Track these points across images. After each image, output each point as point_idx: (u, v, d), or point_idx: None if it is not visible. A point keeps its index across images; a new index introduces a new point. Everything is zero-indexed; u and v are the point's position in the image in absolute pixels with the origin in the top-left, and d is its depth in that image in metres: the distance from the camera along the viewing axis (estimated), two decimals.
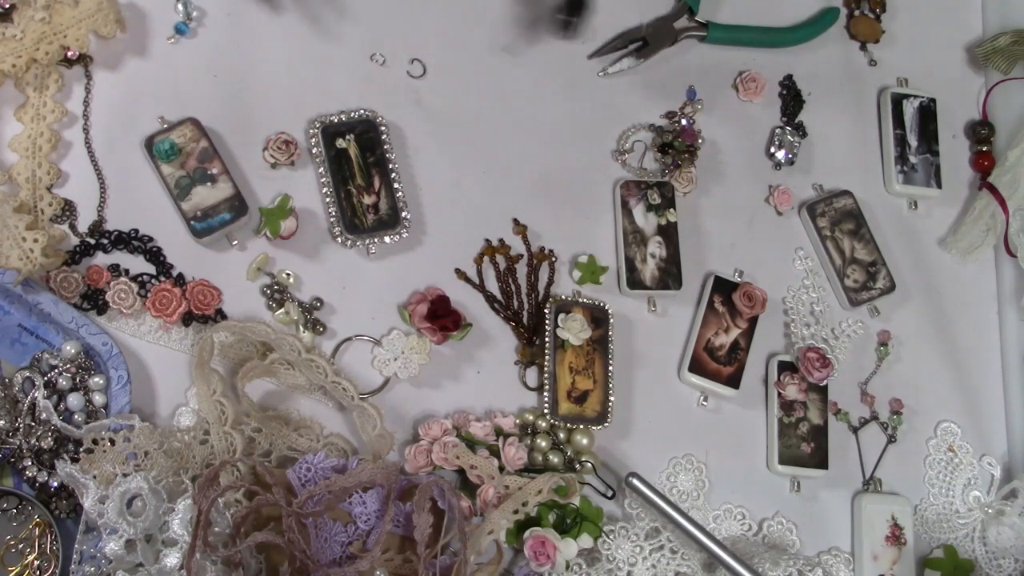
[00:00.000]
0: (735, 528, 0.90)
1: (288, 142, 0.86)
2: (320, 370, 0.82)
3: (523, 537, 0.82)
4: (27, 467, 0.76)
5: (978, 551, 0.96)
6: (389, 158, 0.87)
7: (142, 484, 0.73)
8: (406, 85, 0.91)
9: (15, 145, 0.81)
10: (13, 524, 0.76)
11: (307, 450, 0.81)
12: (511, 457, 0.84)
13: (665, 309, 0.93)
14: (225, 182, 0.82)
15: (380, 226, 0.86)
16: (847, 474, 0.95)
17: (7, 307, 0.78)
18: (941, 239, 1.03)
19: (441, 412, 0.86)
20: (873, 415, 0.96)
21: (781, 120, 1.00)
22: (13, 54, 0.79)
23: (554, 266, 0.91)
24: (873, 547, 0.92)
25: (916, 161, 1.01)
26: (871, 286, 0.97)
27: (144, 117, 0.84)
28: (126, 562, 0.73)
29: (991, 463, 0.98)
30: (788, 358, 0.94)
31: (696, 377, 0.91)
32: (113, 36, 0.83)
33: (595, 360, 0.87)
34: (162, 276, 0.82)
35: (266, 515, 0.77)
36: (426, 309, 0.84)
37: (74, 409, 0.78)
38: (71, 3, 0.80)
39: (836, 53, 1.04)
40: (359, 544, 0.77)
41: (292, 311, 0.84)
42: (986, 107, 1.06)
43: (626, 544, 0.85)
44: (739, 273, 0.95)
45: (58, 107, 0.82)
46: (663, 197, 0.93)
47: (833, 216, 0.97)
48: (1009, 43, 1.04)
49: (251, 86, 0.87)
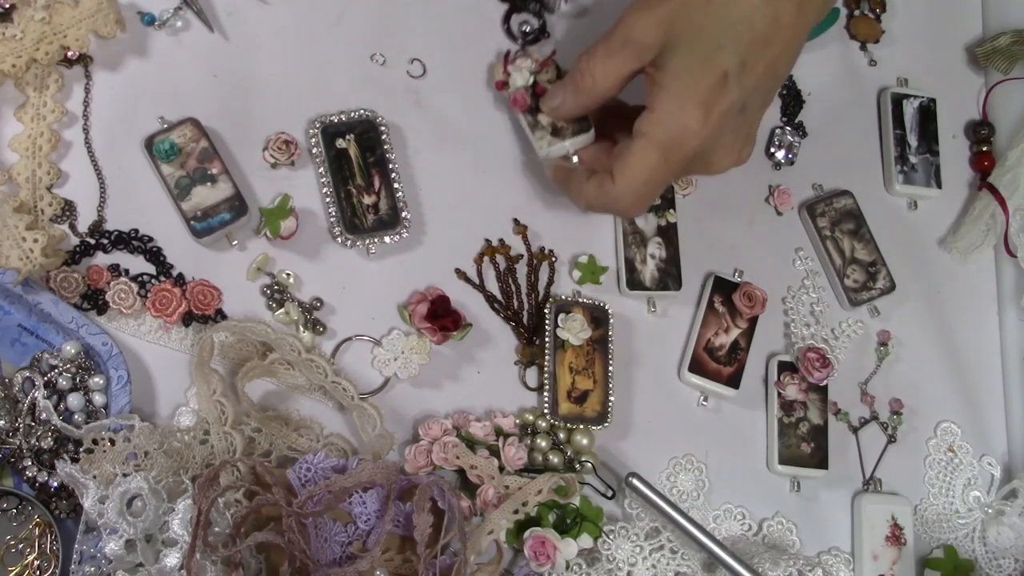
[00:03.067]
0: (735, 528, 0.90)
1: (288, 142, 0.86)
2: (320, 370, 0.82)
3: (523, 537, 0.82)
4: (27, 467, 0.76)
5: (978, 551, 0.96)
6: (389, 158, 0.87)
7: (142, 484, 0.73)
8: (406, 85, 0.91)
9: (15, 145, 0.81)
10: (13, 524, 0.76)
11: (307, 450, 0.81)
12: (511, 457, 0.84)
13: (665, 310, 0.93)
14: (225, 182, 0.82)
15: (380, 226, 0.86)
16: (847, 474, 0.95)
17: (7, 307, 0.78)
18: (941, 239, 1.03)
19: (441, 412, 0.86)
20: (873, 415, 0.96)
21: (781, 120, 1.00)
22: (13, 54, 0.79)
23: (554, 266, 0.91)
24: (873, 547, 0.92)
25: (916, 161, 1.01)
26: (871, 286, 0.97)
27: (144, 117, 0.84)
28: (126, 562, 0.73)
29: (991, 463, 0.98)
30: (788, 358, 0.94)
31: (696, 377, 0.91)
32: (113, 36, 0.82)
33: (595, 360, 0.87)
34: (162, 276, 0.82)
35: (266, 515, 0.77)
36: (426, 309, 0.84)
37: (74, 409, 0.78)
38: (71, 3, 0.80)
39: (836, 53, 1.04)
40: (359, 544, 0.77)
41: (292, 311, 0.84)
42: (986, 107, 1.06)
43: (626, 544, 0.85)
44: (739, 273, 0.95)
45: (58, 107, 0.82)
46: (663, 198, 0.93)
47: (833, 216, 0.97)
48: (1009, 43, 1.04)
49: (251, 86, 0.87)
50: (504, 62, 0.88)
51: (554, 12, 0.93)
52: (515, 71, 0.87)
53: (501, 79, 0.88)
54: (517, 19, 0.92)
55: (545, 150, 0.85)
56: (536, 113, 0.86)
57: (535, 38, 0.91)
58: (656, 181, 0.77)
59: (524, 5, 0.92)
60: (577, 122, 0.85)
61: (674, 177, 0.80)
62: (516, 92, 0.86)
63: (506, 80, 0.88)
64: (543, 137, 0.85)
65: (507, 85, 0.88)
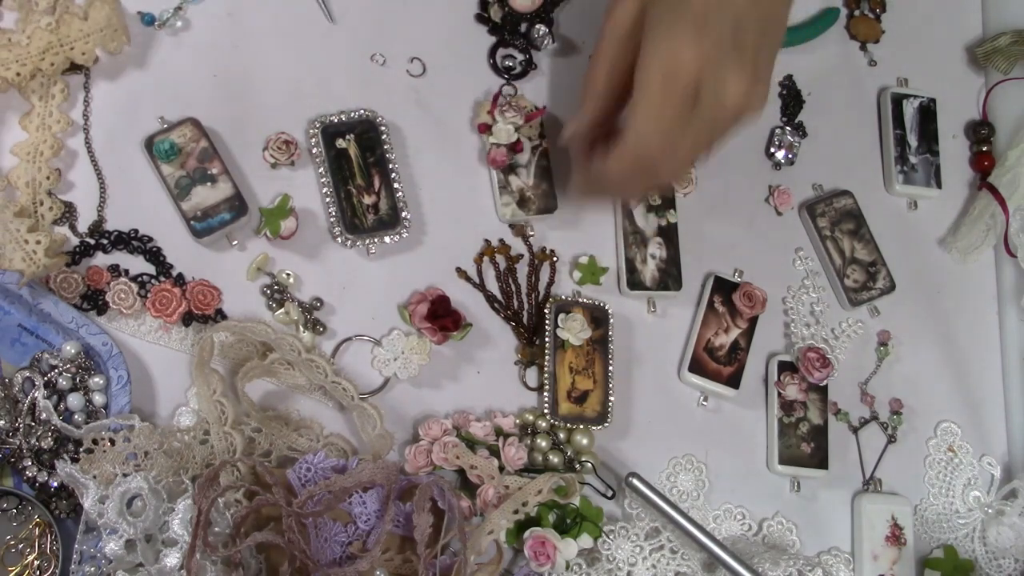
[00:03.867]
0: (735, 528, 0.90)
1: (288, 142, 0.86)
2: (320, 370, 0.82)
3: (523, 537, 0.82)
4: (27, 467, 0.76)
5: (978, 551, 0.96)
6: (389, 158, 0.87)
7: (142, 484, 0.73)
8: (406, 85, 0.91)
9: (16, 150, 0.81)
10: (13, 524, 0.76)
11: (307, 450, 0.81)
12: (511, 457, 0.84)
13: (665, 310, 0.93)
14: (225, 182, 0.82)
15: (380, 226, 0.86)
16: (847, 474, 0.95)
17: (7, 307, 0.78)
18: (941, 239, 1.03)
19: (441, 412, 0.86)
20: (873, 415, 0.96)
21: (781, 120, 1.00)
22: (18, 62, 0.78)
23: (555, 266, 0.91)
24: (873, 547, 0.92)
25: (916, 161, 1.01)
26: (871, 286, 0.97)
27: (144, 117, 0.84)
28: (126, 562, 0.73)
29: (991, 463, 0.98)
30: (788, 358, 0.94)
31: (696, 377, 0.91)
32: (120, 52, 0.82)
33: (595, 360, 0.87)
34: (162, 276, 0.82)
35: (266, 515, 0.77)
36: (426, 309, 0.84)
37: (74, 409, 0.78)
38: (80, 16, 0.80)
39: (836, 53, 1.04)
40: (359, 544, 0.77)
41: (292, 311, 0.84)
42: (986, 107, 1.06)
43: (626, 544, 0.85)
44: (739, 273, 0.95)
45: (64, 117, 0.82)
46: (663, 198, 0.93)
47: (833, 216, 0.97)
48: (1009, 43, 1.04)
49: (251, 86, 0.87)
50: (493, 103, 0.88)
51: (540, 50, 0.94)
52: (501, 121, 0.87)
53: (485, 122, 0.88)
54: (502, 53, 0.92)
55: (508, 218, 0.89)
56: (509, 174, 0.87)
57: (522, 72, 0.92)
58: (666, 117, 0.74)
59: (510, 41, 0.93)
60: (544, 199, 0.89)
61: (683, 111, 0.74)
62: (496, 151, 0.87)
63: (490, 125, 0.88)
64: (509, 204, 0.88)
65: (490, 130, 0.88)
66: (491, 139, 0.88)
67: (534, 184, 0.90)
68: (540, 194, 0.89)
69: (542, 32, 0.93)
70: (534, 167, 0.90)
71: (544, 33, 0.93)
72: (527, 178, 0.89)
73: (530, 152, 0.90)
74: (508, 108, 0.88)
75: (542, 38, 0.93)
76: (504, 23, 0.93)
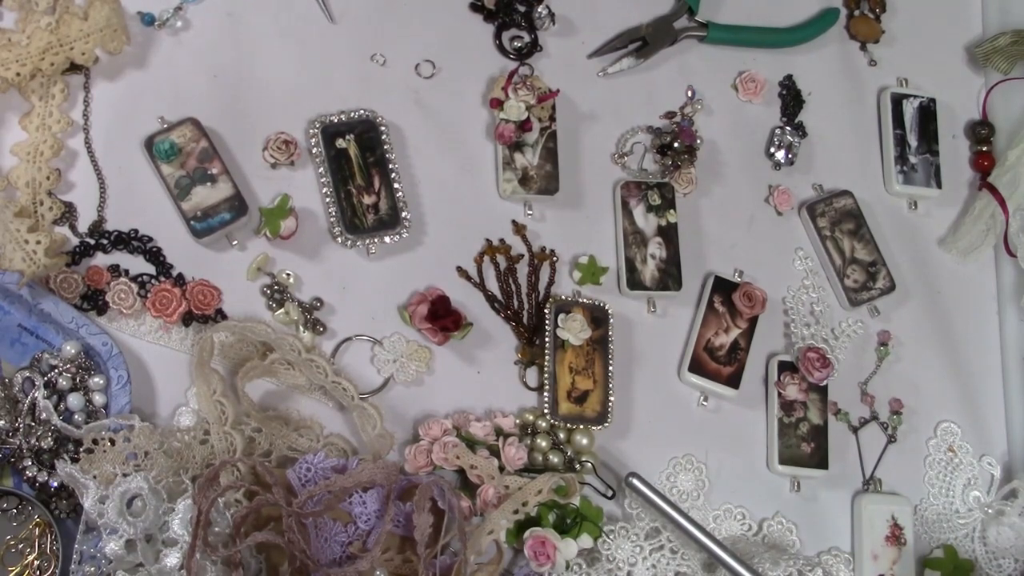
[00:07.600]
0: (735, 528, 0.90)
1: (288, 142, 0.86)
2: (320, 370, 0.82)
3: (523, 537, 0.82)
4: (27, 467, 0.76)
5: (978, 551, 0.96)
6: (389, 158, 0.87)
7: (142, 484, 0.73)
8: (406, 85, 0.91)
9: (16, 150, 0.81)
10: (13, 524, 0.76)
11: (307, 450, 0.81)
12: (511, 457, 0.84)
13: (665, 310, 0.93)
14: (225, 182, 0.82)
15: (380, 226, 0.86)
16: (847, 474, 0.95)
17: (7, 307, 0.78)
18: (941, 239, 1.03)
19: (441, 412, 0.86)
20: (873, 415, 0.96)
21: (781, 120, 1.00)
22: (18, 62, 0.78)
23: (555, 266, 0.91)
24: (873, 547, 0.92)
25: (916, 161, 1.01)
26: (871, 286, 0.97)
27: (144, 117, 0.84)
28: (126, 562, 0.73)
29: (991, 463, 0.98)
30: (788, 358, 0.94)
31: (696, 377, 0.91)
32: (120, 52, 0.82)
33: (595, 360, 0.87)
34: (162, 276, 0.82)
35: (266, 515, 0.77)
36: (426, 309, 0.84)
37: (74, 409, 0.78)
38: (80, 16, 0.80)
39: (836, 53, 1.04)
40: (359, 544, 0.77)
41: (292, 311, 0.84)
42: (986, 107, 1.06)
43: (626, 544, 0.85)
44: (739, 273, 0.95)
45: (64, 117, 0.82)
46: (663, 198, 0.93)
47: (833, 216, 0.97)
48: (1009, 43, 1.04)
49: (251, 86, 0.87)
50: (508, 80, 0.89)
51: (540, 29, 0.94)
52: (514, 98, 0.88)
53: (498, 97, 0.89)
54: (508, 35, 0.93)
55: (508, 194, 0.89)
56: (515, 151, 0.87)
57: (528, 51, 0.92)
58: None
59: (512, 21, 0.93)
60: (546, 180, 0.89)
61: None
62: (504, 126, 0.87)
63: (502, 101, 0.88)
64: (510, 180, 0.88)
65: (501, 106, 0.88)
66: (501, 115, 0.89)
67: (538, 164, 0.90)
68: (543, 175, 0.90)
69: (543, 13, 0.94)
70: (540, 148, 0.90)
71: (545, 14, 0.94)
72: (532, 157, 0.90)
73: (538, 133, 0.90)
74: (522, 86, 0.88)
75: (543, 19, 0.93)
76: (498, 8, 0.94)
